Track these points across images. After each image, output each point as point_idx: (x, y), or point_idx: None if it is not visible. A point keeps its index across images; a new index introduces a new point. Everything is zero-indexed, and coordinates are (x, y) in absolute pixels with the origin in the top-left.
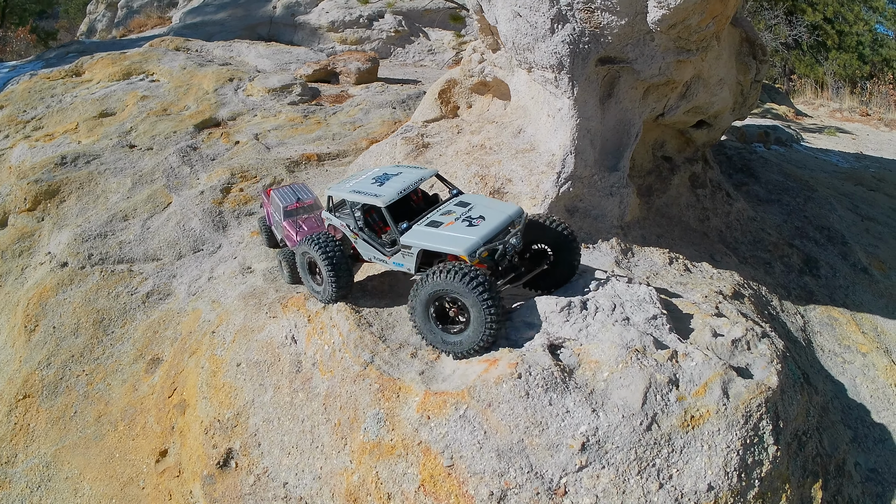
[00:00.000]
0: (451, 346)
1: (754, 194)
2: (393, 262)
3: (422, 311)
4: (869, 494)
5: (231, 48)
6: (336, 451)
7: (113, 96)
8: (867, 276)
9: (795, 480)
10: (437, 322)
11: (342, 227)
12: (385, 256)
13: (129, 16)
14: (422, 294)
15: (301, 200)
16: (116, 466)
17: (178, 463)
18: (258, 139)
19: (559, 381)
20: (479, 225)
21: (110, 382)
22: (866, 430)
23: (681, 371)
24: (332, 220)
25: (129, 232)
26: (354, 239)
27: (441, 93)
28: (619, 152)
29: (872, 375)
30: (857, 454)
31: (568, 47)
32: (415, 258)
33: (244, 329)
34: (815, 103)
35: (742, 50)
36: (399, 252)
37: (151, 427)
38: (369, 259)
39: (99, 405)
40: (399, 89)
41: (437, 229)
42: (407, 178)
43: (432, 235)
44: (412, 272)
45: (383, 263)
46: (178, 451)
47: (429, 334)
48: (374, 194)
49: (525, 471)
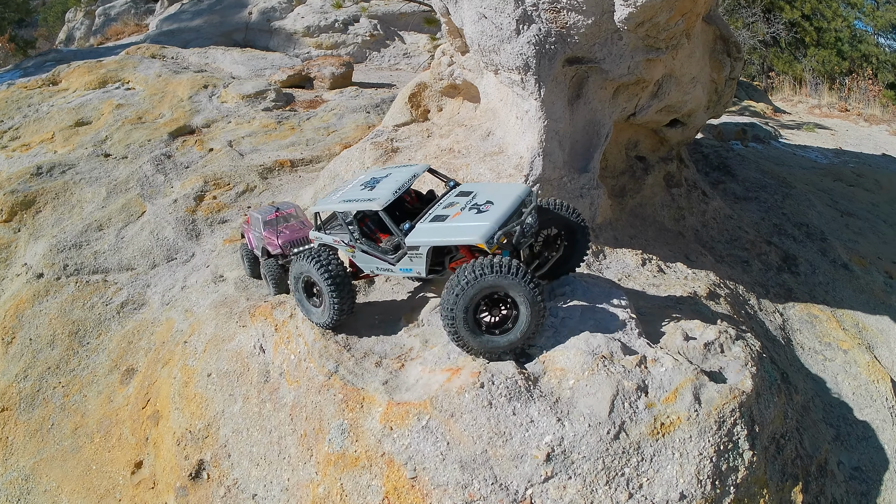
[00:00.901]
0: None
1: (731, 192)
2: (399, 268)
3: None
4: (853, 493)
5: (206, 55)
6: (302, 463)
7: (89, 105)
8: (847, 272)
9: (774, 485)
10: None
11: (336, 244)
12: (389, 265)
13: (106, 23)
14: (467, 295)
15: (280, 210)
16: (93, 479)
17: (153, 475)
18: (232, 146)
19: (523, 389)
20: (489, 210)
21: (86, 394)
22: (849, 428)
23: (650, 377)
24: (324, 237)
25: (103, 242)
26: (352, 253)
27: (411, 96)
28: (588, 153)
29: (854, 372)
30: (840, 453)
31: (534, 48)
32: (424, 259)
33: (215, 339)
34: (794, 100)
35: (716, 47)
36: (405, 256)
37: (126, 438)
38: (371, 272)
39: (75, 417)
40: (373, 93)
41: (443, 223)
42: (399, 177)
43: (440, 230)
44: (423, 275)
45: (388, 273)
46: (152, 463)
47: (472, 340)
48: (368, 199)
49: (489, 482)
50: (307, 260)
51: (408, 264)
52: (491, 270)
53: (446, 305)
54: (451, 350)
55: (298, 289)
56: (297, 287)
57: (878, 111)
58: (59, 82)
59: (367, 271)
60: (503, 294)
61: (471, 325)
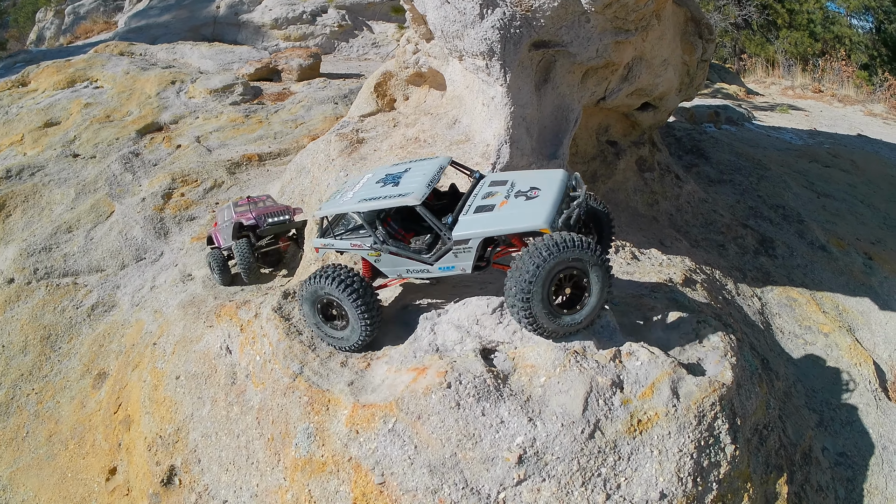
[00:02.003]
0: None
1: (705, 175)
2: (439, 267)
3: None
4: (839, 480)
5: (175, 50)
6: (270, 468)
7: (58, 105)
8: (826, 254)
9: (758, 477)
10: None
11: (354, 249)
12: (425, 265)
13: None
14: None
15: (252, 197)
16: (69, 486)
17: (127, 481)
18: (199, 142)
19: (492, 388)
20: (539, 196)
21: (59, 400)
22: (832, 413)
23: (625, 372)
24: (337, 243)
25: (73, 244)
26: (376, 258)
27: (377, 86)
28: (557, 139)
29: (836, 356)
30: (825, 438)
31: (498, 33)
32: (473, 252)
33: (183, 340)
34: (767, 81)
35: (687, 29)
36: (449, 252)
37: (100, 444)
38: (398, 276)
39: (49, 424)
40: (341, 84)
41: (492, 213)
42: (424, 169)
43: (493, 219)
44: (468, 271)
45: (420, 275)
46: (125, 469)
47: (548, 320)
48: (400, 194)
49: (460, 487)
50: (324, 280)
51: (451, 261)
52: (573, 244)
53: (520, 285)
54: (417, 348)
55: (313, 312)
56: (311, 311)
57: (852, 92)
58: (29, 83)
59: (391, 276)
60: (574, 273)
61: (547, 303)
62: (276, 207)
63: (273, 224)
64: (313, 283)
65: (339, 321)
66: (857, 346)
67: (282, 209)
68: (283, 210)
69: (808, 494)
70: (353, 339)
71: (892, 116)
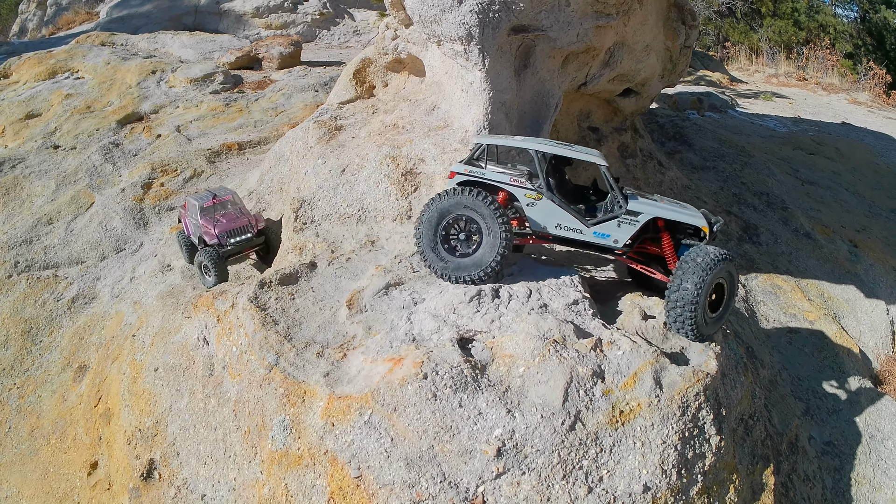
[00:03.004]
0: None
1: (688, 162)
2: (594, 232)
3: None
4: (826, 469)
5: (156, 40)
6: (247, 461)
7: (39, 97)
8: (810, 241)
9: (744, 468)
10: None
11: (512, 185)
12: (581, 225)
13: (58, 13)
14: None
15: (217, 197)
16: (52, 482)
17: (108, 475)
18: (179, 131)
19: (469, 379)
20: (689, 206)
21: (41, 394)
22: (818, 401)
23: (606, 362)
24: (488, 174)
25: (53, 236)
26: (532, 201)
27: (356, 73)
28: (538, 125)
29: (821, 344)
30: (811, 427)
31: (476, 17)
32: (636, 228)
33: (162, 331)
34: (750, 69)
35: (670, 15)
36: (613, 220)
37: (81, 439)
38: (542, 231)
39: (31, 419)
40: (322, 72)
41: (657, 203)
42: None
43: (661, 208)
44: (618, 246)
45: (568, 234)
46: (106, 463)
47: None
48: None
49: (437, 480)
50: (465, 195)
51: (609, 230)
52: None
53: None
54: (394, 338)
55: (433, 235)
56: (431, 234)
57: (836, 80)
58: (10, 75)
59: (534, 228)
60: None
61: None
62: (238, 221)
63: (236, 244)
64: (448, 197)
65: (468, 244)
66: (842, 333)
67: (244, 223)
68: (246, 225)
69: (795, 484)
70: (489, 258)
71: (876, 105)
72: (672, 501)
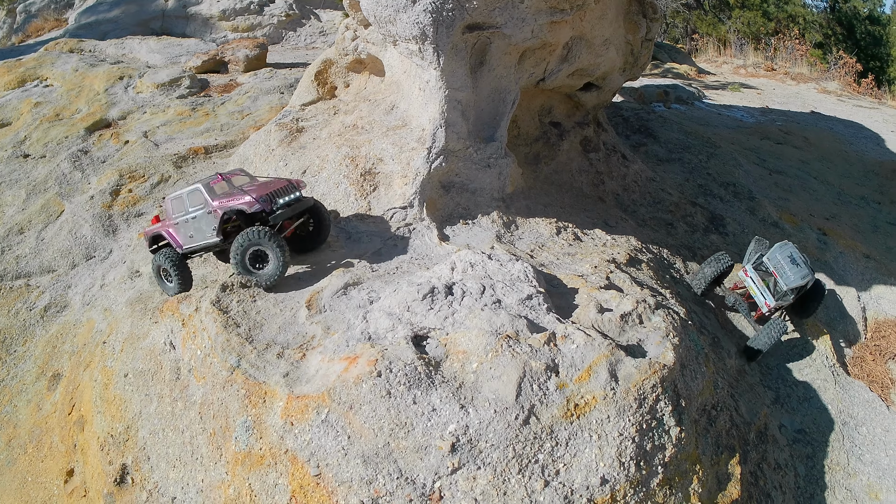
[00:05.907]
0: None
1: (653, 154)
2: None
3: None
4: (798, 457)
5: (123, 45)
6: (213, 463)
7: (8, 105)
8: (778, 231)
9: (707, 459)
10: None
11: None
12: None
13: (27, 20)
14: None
15: (223, 174)
16: (30, 490)
17: (84, 482)
18: (147, 137)
19: (423, 376)
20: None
21: (16, 404)
22: (789, 389)
23: (560, 355)
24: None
25: (24, 245)
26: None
27: (317, 74)
28: (495, 122)
29: (791, 331)
30: (782, 416)
31: (430, 16)
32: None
33: (131, 337)
34: (719, 61)
35: (631, 9)
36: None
37: (57, 446)
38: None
39: (8, 429)
40: (287, 73)
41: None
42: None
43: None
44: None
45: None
46: (82, 470)
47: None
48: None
49: (394, 477)
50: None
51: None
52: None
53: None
54: (350, 337)
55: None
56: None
57: (805, 70)
58: None
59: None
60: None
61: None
62: (276, 182)
63: (288, 204)
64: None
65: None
66: (813, 321)
67: (285, 184)
68: (287, 186)
69: (765, 473)
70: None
71: (846, 93)
72: (632, 493)
